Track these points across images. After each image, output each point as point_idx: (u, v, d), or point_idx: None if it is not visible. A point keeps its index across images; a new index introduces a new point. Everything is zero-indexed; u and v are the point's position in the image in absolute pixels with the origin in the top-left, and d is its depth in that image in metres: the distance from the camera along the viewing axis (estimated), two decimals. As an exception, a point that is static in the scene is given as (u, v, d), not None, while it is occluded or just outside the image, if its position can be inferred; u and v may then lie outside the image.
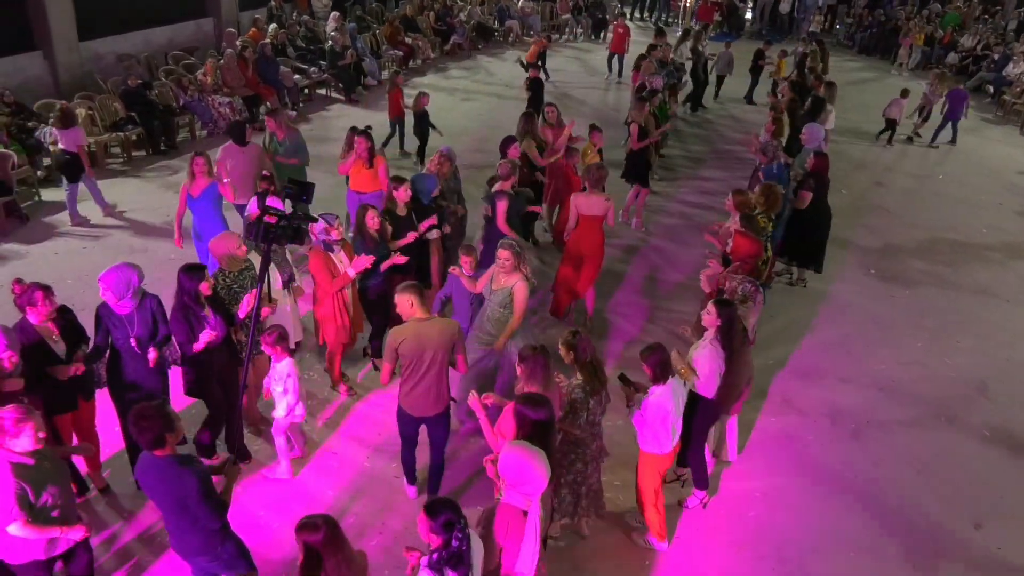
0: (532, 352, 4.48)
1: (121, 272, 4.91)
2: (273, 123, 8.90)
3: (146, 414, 3.68)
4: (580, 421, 4.72)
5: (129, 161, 11.55)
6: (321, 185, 6.62)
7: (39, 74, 13.03)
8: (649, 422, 4.77)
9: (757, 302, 5.84)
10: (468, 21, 19.74)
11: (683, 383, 4.92)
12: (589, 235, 7.34)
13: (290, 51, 15.38)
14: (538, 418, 3.93)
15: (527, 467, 3.58)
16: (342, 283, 6.01)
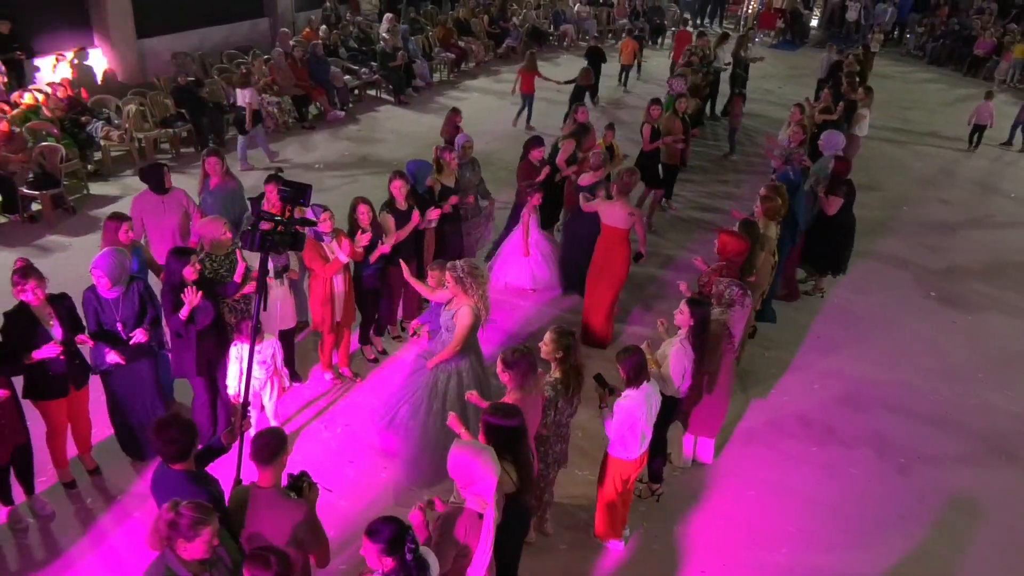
0: (519, 356, 4.30)
1: (115, 256, 4.96)
2: (212, 163, 7.13)
3: (172, 425, 3.56)
4: (547, 420, 4.57)
5: (177, 157, 11.67)
6: (363, 187, 6.60)
7: (98, 70, 13.31)
8: (618, 426, 4.62)
9: (744, 307, 5.53)
10: (522, 25, 19.57)
11: (657, 389, 4.75)
12: (610, 248, 7.05)
13: (342, 52, 15.42)
14: (507, 426, 3.78)
15: (473, 466, 3.45)
16: (334, 268, 6.13)
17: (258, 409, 5.71)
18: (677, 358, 5.05)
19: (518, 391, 4.28)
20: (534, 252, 8.07)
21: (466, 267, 5.13)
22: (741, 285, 5.56)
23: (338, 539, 5.12)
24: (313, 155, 12.09)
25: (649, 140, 9.65)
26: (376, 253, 6.38)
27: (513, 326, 7.76)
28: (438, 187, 7.43)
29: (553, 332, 4.65)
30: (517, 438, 3.82)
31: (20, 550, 4.92)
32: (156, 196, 6.67)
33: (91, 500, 5.37)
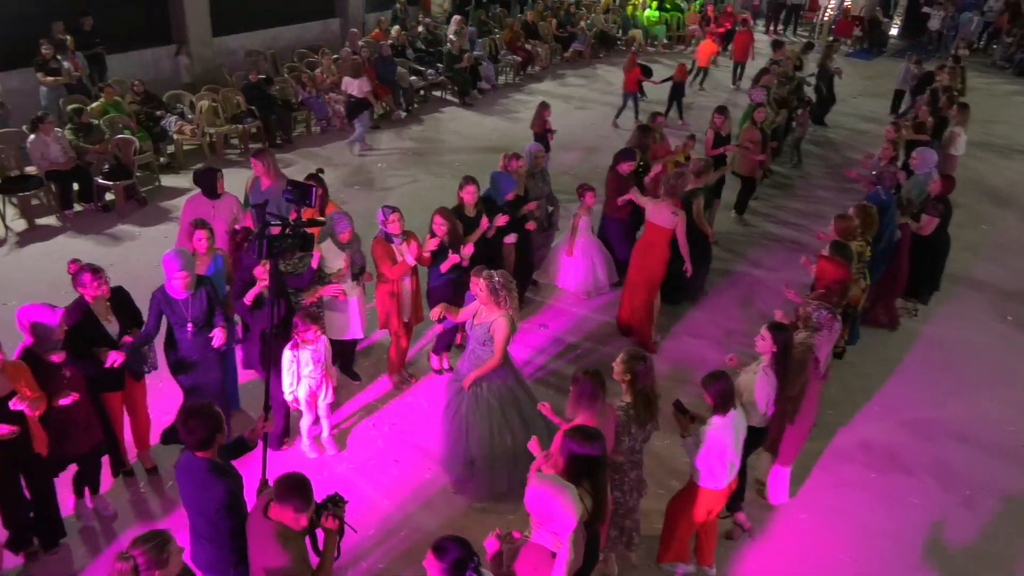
0: (584, 376, 4.16)
1: (184, 257, 5.01)
2: (261, 166, 7.00)
3: (196, 413, 3.59)
4: (621, 447, 4.39)
5: (245, 152, 11.92)
6: (422, 187, 6.57)
7: (172, 67, 13.78)
8: (707, 455, 4.41)
9: (833, 331, 5.25)
10: (590, 29, 19.44)
11: (743, 416, 4.53)
12: (651, 248, 6.99)
13: (409, 52, 15.57)
14: (585, 453, 3.61)
15: (554, 503, 3.25)
16: (401, 270, 6.07)
17: (312, 409, 5.72)
18: (761, 386, 4.81)
19: (582, 410, 4.13)
20: (582, 255, 8.01)
21: (502, 278, 5.01)
22: (830, 308, 5.28)
23: (377, 536, 5.16)
24: (376, 154, 12.22)
25: (711, 146, 9.49)
26: (448, 263, 6.19)
27: (564, 332, 7.67)
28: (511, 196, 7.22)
29: (624, 354, 4.44)
30: (599, 465, 3.65)
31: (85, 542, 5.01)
32: (208, 200, 6.52)
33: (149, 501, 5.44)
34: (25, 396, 4.17)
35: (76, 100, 10.81)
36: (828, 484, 5.90)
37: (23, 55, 11.12)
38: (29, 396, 4.18)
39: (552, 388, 6.71)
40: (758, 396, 4.76)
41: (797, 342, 5.02)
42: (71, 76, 11.27)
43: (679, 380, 6.75)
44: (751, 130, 9.69)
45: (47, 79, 11.00)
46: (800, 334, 5.15)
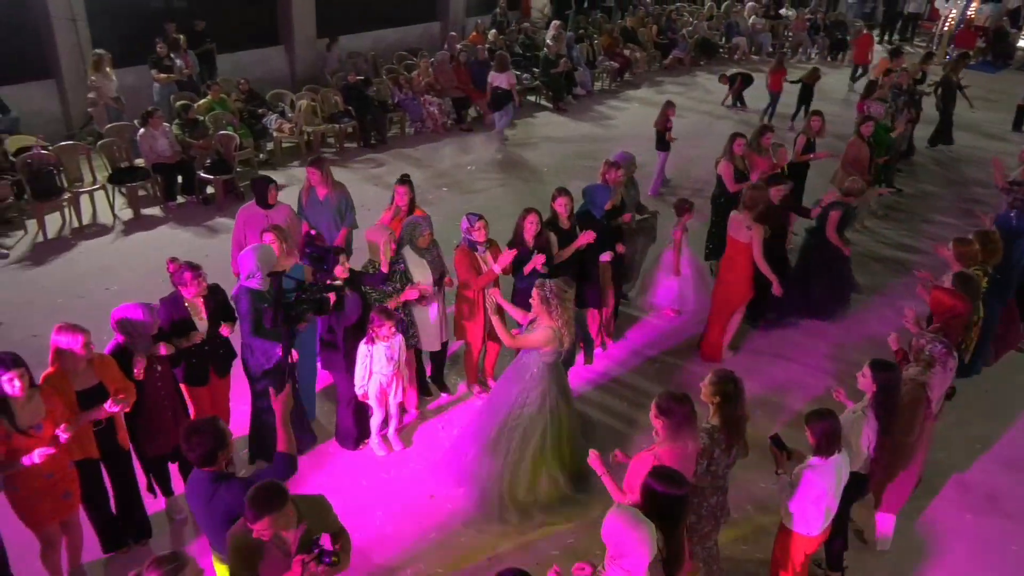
0: (676, 402, 3.88)
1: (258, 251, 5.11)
2: (317, 175, 6.84)
3: (198, 430, 3.53)
4: (699, 469, 4.11)
5: (341, 151, 12.22)
6: (510, 192, 6.50)
7: (279, 66, 14.26)
8: (801, 498, 4.07)
9: (948, 368, 4.79)
10: (692, 36, 19.01)
11: (848, 461, 4.17)
12: (731, 261, 6.76)
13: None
14: (671, 498, 3.36)
15: (631, 538, 3.07)
16: (487, 280, 5.90)
17: (383, 406, 5.75)
18: (866, 429, 4.46)
19: (669, 442, 3.86)
20: (685, 272, 7.73)
21: (555, 288, 4.87)
22: (945, 342, 4.83)
23: (438, 537, 5.12)
24: (467, 157, 12.27)
25: (801, 151, 9.12)
26: (529, 266, 5.99)
27: (645, 345, 7.44)
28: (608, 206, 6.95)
29: (713, 374, 4.20)
30: (679, 512, 3.41)
31: (173, 539, 5.12)
32: (260, 210, 6.44)
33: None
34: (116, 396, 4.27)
35: (185, 97, 11.32)
36: (920, 523, 5.48)
37: (140, 53, 11.72)
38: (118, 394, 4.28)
39: (626, 402, 6.54)
40: (863, 440, 4.42)
41: (908, 379, 4.64)
42: (182, 74, 11.81)
43: (765, 404, 6.45)
44: (857, 144, 9.20)
45: (160, 76, 11.57)
46: (911, 370, 4.75)
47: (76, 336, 4.19)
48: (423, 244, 5.90)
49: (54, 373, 4.23)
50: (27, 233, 9.17)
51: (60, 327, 4.24)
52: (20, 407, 3.95)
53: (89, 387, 4.32)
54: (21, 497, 4.12)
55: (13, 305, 7.63)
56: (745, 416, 4.24)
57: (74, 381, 4.27)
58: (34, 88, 11.28)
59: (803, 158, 9.10)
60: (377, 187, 10.86)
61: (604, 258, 6.65)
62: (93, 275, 8.23)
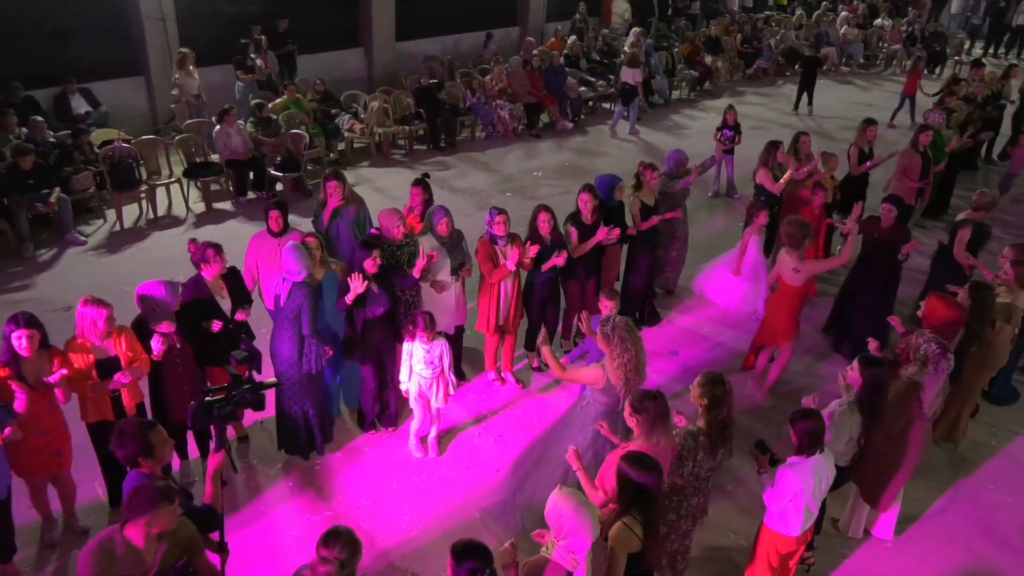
0: (650, 400, 3.92)
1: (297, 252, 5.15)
2: (332, 186, 6.56)
3: (127, 431, 3.55)
4: (684, 471, 4.11)
5: (410, 153, 12.34)
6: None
7: (357, 68, 14.55)
8: (779, 496, 4.04)
9: (940, 369, 4.68)
10: (778, 45, 18.41)
11: (831, 462, 4.13)
12: (780, 302, 6.31)
13: (583, 63, 15.47)
14: (642, 482, 3.42)
15: (571, 519, 3.12)
16: (501, 275, 6.05)
17: (424, 408, 5.72)
18: (841, 420, 4.48)
19: (644, 438, 3.93)
20: (750, 275, 7.46)
21: (620, 325, 4.52)
22: (942, 343, 4.76)
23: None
24: (534, 163, 12.20)
25: (856, 162, 8.73)
26: (549, 263, 6.17)
27: (697, 361, 7.18)
28: (638, 205, 7.11)
29: (702, 377, 4.23)
30: (650, 496, 3.48)
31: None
32: (271, 239, 6.00)
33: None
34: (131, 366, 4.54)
35: (264, 96, 11.65)
36: (964, 561, 5.14)
37: (224, 53, 12.14)
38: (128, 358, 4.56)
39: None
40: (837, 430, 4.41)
41: (904, 377, 4.66)
42: (262, 73, 12.16)
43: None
44: (911, 154, 8.76)
45: (243, 75, 11.94)
46: (909, 368, 4.73)
47: (100, 310, 4.50)
48: (442, 232, 6.04)
49: (74, 341, 4.56)
50: (106, 222, 9.59)
51: (85, 300, 4.56)
52: (28, 364, 4.30)
53: (109, 357, 4.58)
54: (18, 448, 4.36)
55: (84, 290, 7.70)
56: (732, 419, 4.21)
57: (95, 351, 4.56)
58: (124, 84, 11.83)
59: (860, 170, 8.70)
60: (442, 189, 10.88)
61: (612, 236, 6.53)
62: (162, 264, 8.50)
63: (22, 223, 8.60)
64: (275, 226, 5.93)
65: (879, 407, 4.50)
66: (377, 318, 5.58)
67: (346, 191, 6.70)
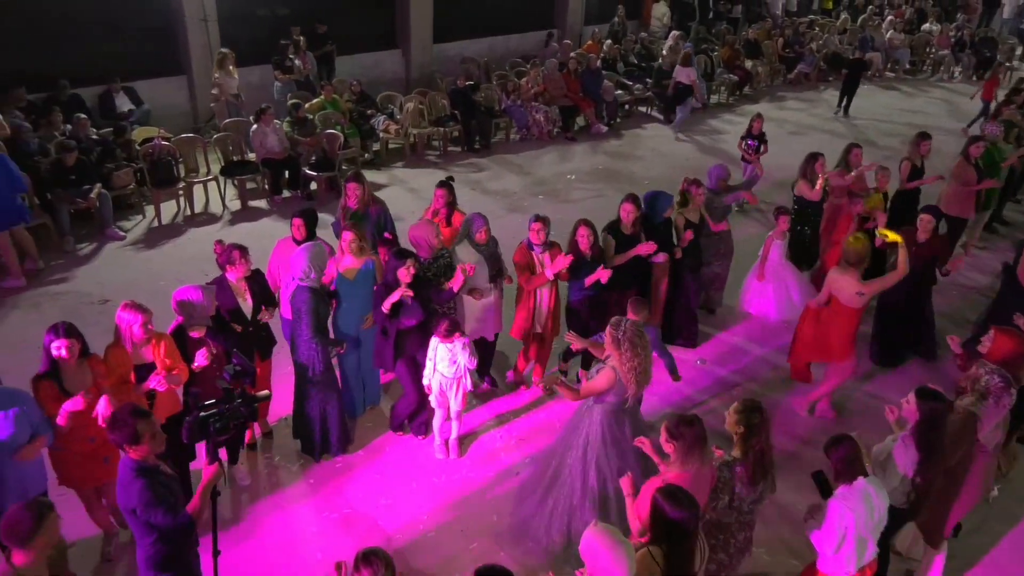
0: (687, 425, 3.75)
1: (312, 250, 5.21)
2: (353, 189, 6.63)
3: (119, 417, 3.56)
4: (719, 504, 3.92)
5: (444, 155, 12.38)
6: (606, 202, 6.42)
7: (394, 69, 14.65)
8: (827, 531, 3.74)
9: (1001, 404, 4.41)
10: (821, 50, 18.10)
11: (880, 489, 3.84)
12: (833, 320, 5.95)
13: (620, 66, 15.39)
14: (675, 518, 3.23)
15: (604, 557, 2.99)
16: (537, 283, 5.99)
17: (443, 407, 5.73)
18: (898, 455, 4.19)
19: (680, 464, 3.76)
20: (774, 280, 7.49)
21: (630, 330, 4.51)
22: (1005, 376, 4.46)
23: (479, 548, 5.02)
24: (568, 165, 12.15)
25: (907, 177, 8.36)
26: (592, 278, 5.96)
27: (728, 371, 7.07)
28: (682, 221, 6.91)
29: (738, 404, 4.01)
30: (682, 531, 3.27)
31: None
32: (295, 245, 5.90)
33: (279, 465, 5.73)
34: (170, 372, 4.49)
35: (301, 96, 11.80)
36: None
37: (264, 53, 12.32)
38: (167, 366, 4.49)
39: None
40: (898, 464, 4.15)
41: (960, 408, 4.37)
42: (300, 74, 12.31)
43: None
44: (964, 167, 8.44)
45: (281, 75, 12.11)
46: (966, 399, 4.45)
47: (137, 315, 4.45)
48: (480, 240, 5.98)
49: (115, 347, 4.51)
50: (145, 218, 9.78)
51: (125, 305, 4.52)
52: (69, 373, 4.26)
53: (147, 362, 4.57)
54: (64, 456, 4.38)
55: (121, 284, 8.14)
56: (770, 448, 4.00)
57: (134, 356, 4.54)
58: (166, 83, 12.07)
59: (910, 185, 8.36)
60: (474, 191, 10.92)
61: (657, 259, 6.52)
62: (196, 261, 8.65)
63: (64, 217, 8.82)
64: (298, 235, 5.92)
65: (936, 443, 4.16)
66: (410, 329, 5.54)
67: (366, 194, 6.67)
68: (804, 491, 4.58)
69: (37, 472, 4.31)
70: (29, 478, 4.20)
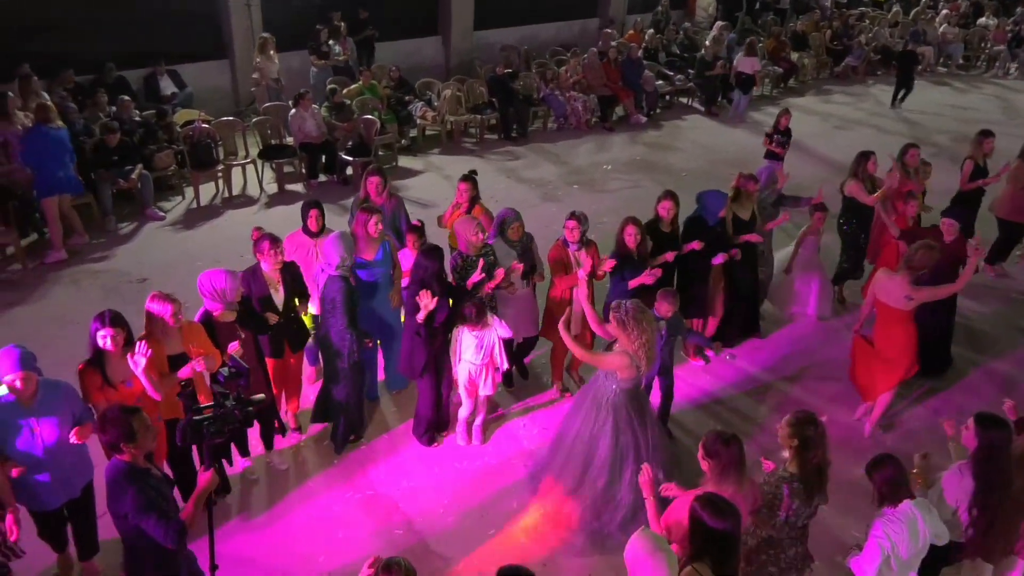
0: (724, 444, 3.59)
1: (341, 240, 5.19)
2: (376, 183, 6.38)
3: (111, 419, 3.50)
4: (776, 521, 3.75)
5: (480, 142, 12.36)
6: (643, 193, 6.30)
7: (434, 56, 14.66)
8: (866, 555, 3.56)
9: None
10: (869, 43, 17.63)
11: (930, 515, 3.61)
12: (887, 330, 5.69)
13: (662, 56, 15.18)
14: (715, 527, 3.11)
15: (646, 564, 2.90)
16: (570, 283, 5.82)
17: (471, 396, 5.72)
18: (949, 484, 3.98)
19: (714, 484, 3.60)
20: (800, 273, 7.31)
21: (632, 309, 4.51)
22: None
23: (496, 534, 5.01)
24: (605, 156, 12.03)
25: (968, 177, 7.96)
26: (638, 280, 5.77)
27: (758, 368, 6.95)
28: (730, 217, 6.60)
29: (791, 416, 3.84)
30: (726, 543, 3.15)
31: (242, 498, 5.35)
32: (307, 239, 5.92)
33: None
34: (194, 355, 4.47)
35: (340, 81, 11.86)
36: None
37: (305, 39, 12.40)
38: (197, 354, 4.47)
39: (722, 423, 6.12)
40: (946, 494, 3.92)
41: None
42: (338, 59, 12.37)
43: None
44: (1022, 169, 8.04)
45: (318, 61, 12.19)
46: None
47: (166, 305, 4.43)
48: (513, 236, 5.90)
49: (146, 337, 4.44)
50: (184, 199, 9.94)
51: (154, 295, 4.50)
52: (114, 363, 4.23)
53: (179, 352, 4.55)
54: None
55: (159, 264, 8.29)
56: (827, 462, 3.82)
57: (167, 346, 4.52)
58: (210, 67, 12.25)
59: (970, 186, 8.00)
60: (509, 180, 10.89)
61: (716, 260, 6.31)
62: (233, 243, 8.76)
63: (106, 197, 9.01)
64: (314, 226, 5.84)
65: (995, 476, 3.89)
66: (438, 327, 5.44)
67: (387, 189, 6.54)
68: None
69: (83, 462, 4.32)
70: (72, 468, 4.19)
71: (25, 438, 3.97)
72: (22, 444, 3.98)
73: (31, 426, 3.97)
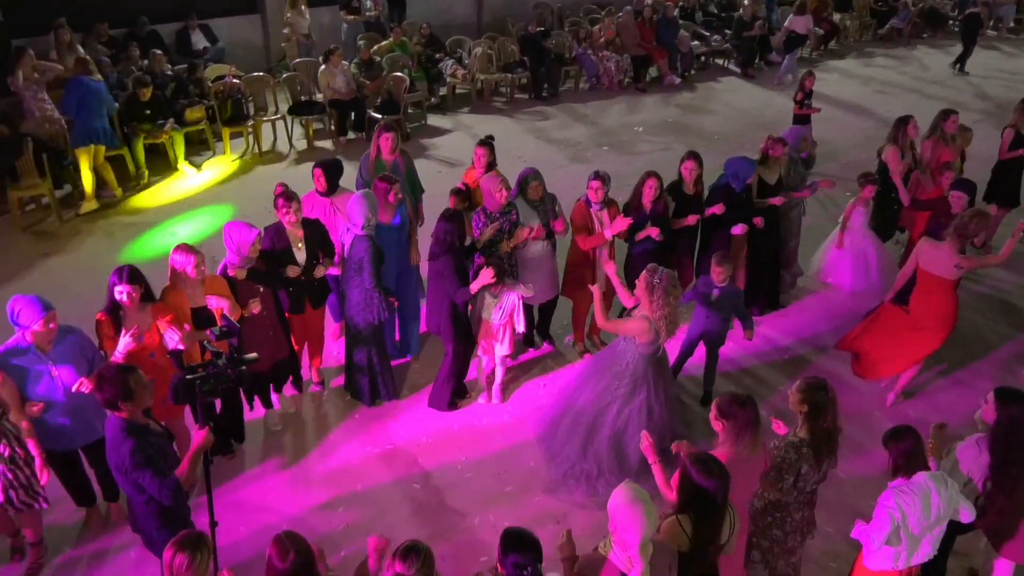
0: (739, 406, 3.57)
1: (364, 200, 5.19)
2: (389, 140, 6.20)
3: (106, 375, 3.53)
4: (783, 485, 3.76)
5: (510, 101, 12.25)
6: (673, 156, 6.14)
7: (466, 13, 14.47)
8: (874, 524, 3.49)
9: None
10: (917, 4, 17.03)
11: (948, 488, 3.53)
12: (928, 299, 5.55)
13: (698, 16, 14.84)
14: (701, 485, 3.15)
15: (624, 513, 2.92)
16: (595, 242, 5.82)
17: (488, 354, 5.76)
18: (965, 455, 3.93)
19: (729, 445, 3.58)
20: (853, 250, 7.03)
21: (666, 278, 4.55)
22: None
23: (512, 492, 5.06)
24: (637, 117, 11.86)
25: (1008, 146, 7.70)
26: (643, 234, 5.83)
27: (783, 335, 6.88)
28: (754, 181, 6.47)
29: (801, 382, 3.82)
30: (710, 502, 3.19)
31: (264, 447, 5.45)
32: (322, 199, 5.82)
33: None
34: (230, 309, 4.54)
35: (371, 38, 11.78)
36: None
37: (336, -6, 12.34)
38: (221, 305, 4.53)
39: (741, 389, 6.08)
40: (961, 466, 3.88)
41: None
42: (369, 15, 12.28)
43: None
44: None
45: (348, 17, 12.10)
46: None
47: (189, 257, 4.49)
48: (534, 196, 5.84)
49: (172, 289, 4.57)
50: (215, 154, 10.02)
51: (177, 248, 4.55)
52: (130, 316, 4.29)
53: (202, 305, 4.61)
54: None
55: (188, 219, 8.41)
56: (838, 429, 3.80)
57: (190, 299, 4.58)
58: (241, 22, 12.25)
59: (1011, 154, 7.74)
60: (538, 140, 10.80)
61: (736, 231, 6.20)
62: (261, 199, 8.76)
63: (138, 150, 9.11)
64: (320, 186, 5.80)
65: (1013, 452, 3.80)
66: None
67: (398, 145, 6.40)
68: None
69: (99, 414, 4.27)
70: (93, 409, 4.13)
71: (46, 383, 4.08)
72: (43, 389, 4.08)
73: (49, 371, 4.07)
